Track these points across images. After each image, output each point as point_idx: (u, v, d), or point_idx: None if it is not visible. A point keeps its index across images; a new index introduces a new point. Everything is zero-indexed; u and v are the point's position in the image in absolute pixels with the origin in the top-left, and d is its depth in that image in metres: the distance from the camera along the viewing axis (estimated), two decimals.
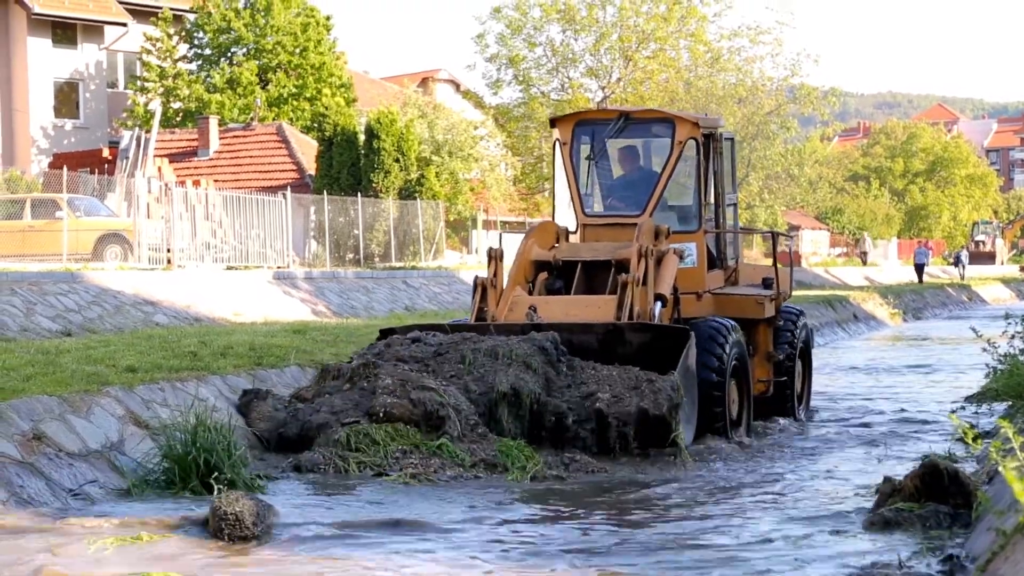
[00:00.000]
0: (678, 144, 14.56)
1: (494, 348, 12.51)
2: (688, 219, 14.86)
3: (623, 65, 54.22)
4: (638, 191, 14.82)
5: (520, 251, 14.23)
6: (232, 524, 8.34)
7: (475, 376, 12.29)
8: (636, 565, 7.91)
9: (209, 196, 31.76)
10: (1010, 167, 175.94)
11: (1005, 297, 62.27)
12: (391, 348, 13.01)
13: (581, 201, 14.85)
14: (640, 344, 12.70)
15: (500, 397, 12.06)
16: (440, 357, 12.62)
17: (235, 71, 51.26)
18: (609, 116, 15.46)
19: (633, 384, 12.19)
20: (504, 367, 12.27)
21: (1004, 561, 5.54)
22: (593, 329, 13.01)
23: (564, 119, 15.30)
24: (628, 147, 15.17)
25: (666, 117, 15.34)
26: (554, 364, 12.53)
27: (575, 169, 14.85)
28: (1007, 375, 14.91)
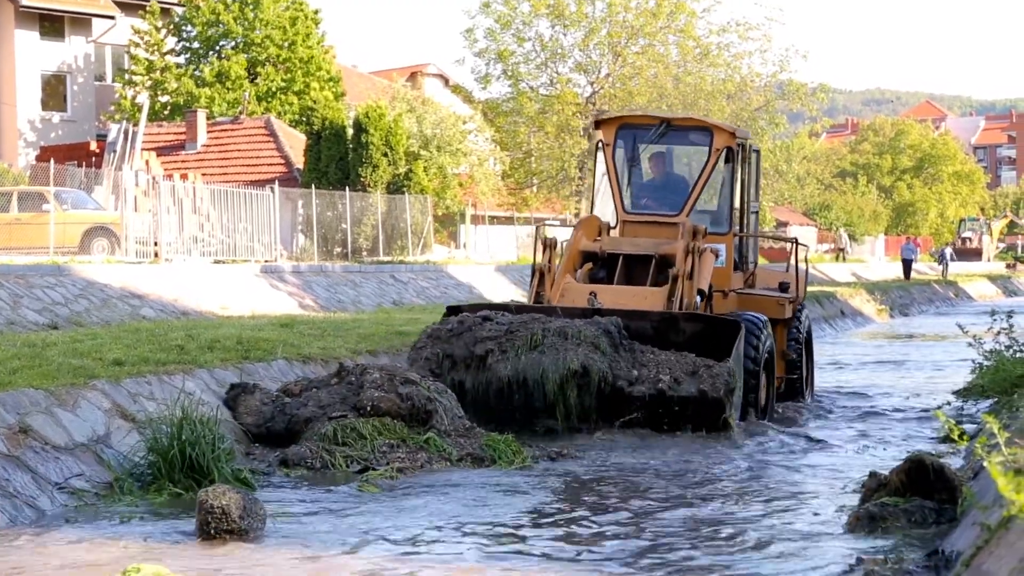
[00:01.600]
0: (715, 152, 15.63)
1: (563, 328, 13.32)
2: (720, 222, 15.89)
3: (612, 60, 54.22)
4: (675, 193, 15.94)
5: (570, 242, 15.21)
6: (219, 518, 8.34)
7: (548, 354, 13.10)
8: (612, 563, 7.92)
9: (197, 190, 31.70)
10: (997, 164, 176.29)
11: (991, 293, 62.41)
12: (464, 324, 13.79)
13: (622, 199, 15.91)
14: (693, 333, 13.76)
15: (571, 374, 12.93)
16: (512, 335, 13.42)
17: (224, 65, 51.17)
18: (651, 122, 16.46)
19: (691, 369, 13.28)
20: (574, 346, 13.11)
21: (989, 555, 5.56)
22: (649, 316, 13.99)
23: (608, 122, 16.38)
24: (667, 152, 16.31)
25: (705, 126, 16.38)
26: (617, 347, 13.43)
27: (616, 169, 15.93)
28: (993, 371, 14.96)
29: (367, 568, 7.73)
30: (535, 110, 53.98)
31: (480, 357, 13.45)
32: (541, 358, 13.14)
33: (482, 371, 13.39)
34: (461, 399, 12.99)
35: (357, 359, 14.99)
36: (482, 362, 13.42)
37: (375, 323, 19.66)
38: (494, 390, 13.29)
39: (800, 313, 16.96)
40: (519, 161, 55.81)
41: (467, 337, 13.61)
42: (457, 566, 7.80)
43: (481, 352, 13.46)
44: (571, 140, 53.30)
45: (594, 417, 13.19)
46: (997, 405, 13.34)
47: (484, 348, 13.44)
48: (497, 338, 13.44)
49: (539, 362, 13.12)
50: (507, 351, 13.30)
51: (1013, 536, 5.22)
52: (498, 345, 13.38)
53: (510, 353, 13.26)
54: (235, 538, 8.31)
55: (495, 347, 13.40)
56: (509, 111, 54.99)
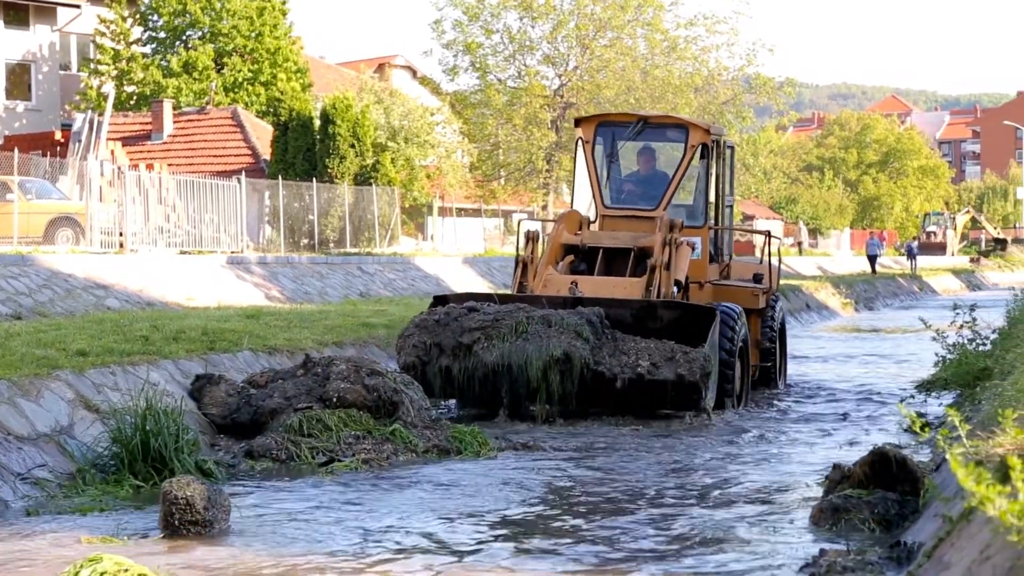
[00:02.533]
0: (691, 148, 16.30)
1: (547, 317, 13.96)
2: (695, 216, 16.51)
3: (580, 53, 54.23)
4: (652, 188, 16.57)
5: (552, 235, 15.99)
6: (183, 509, 8.30)
7: (532, 341, 13.71)
8: (564, 556, 7.93)
9: (163, 180, 31.53)
10: (962, 159, 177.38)
11: (955, 288, 62.79)
12: (451, 315, 14.33)
13: (601, 194, 16.51)
14: (670, 320, 14.37)
15: (553, 361, 13.56)
16: (497, 323, 13.98)
17: (190, 55, 50.92)
18: (629, 119, 17.26)
19: (669, 355, 13.86)
20: (557, 334, 13.75)
21: (950, 547, 5.59)
22: (629, 305, 14.57)
23: (587, 120, 17.09)
24: (645, 148, 16.86)
25: (681, 123, 17.09)
26: (599, 334, 14.06)
27: (596, 165, 16.54)
28: (956, 364, 15.06)
29: (332, 559, 7.72)
30: (503, 102, 53.93)
31: (467, 346, 13.95)
32: (525, 345, 13.72)
33: (468, 358, 13.91)
34: (448, 385, 13.95)
35: (323, 351, 14.97)
36: (468, 350, 13.93)
37: (341, 315, 19.62)
38: (480, 376, 13.84)
39: (775, 304, 17.58)
40: (487, 153, 55.77)
41: (454, 326, 14.13)
42: (422, 558, 7.80)
43: (468, 341, 13.96)
44: (539, 132, 53.29)
45: (574, 402, 13.76)
46: (960, 398, 13.43)
47: (471, 338, 13.96)
48: (484, 327, 13.95)
49: (523, 349, 13.70)
50: (493, 338, 13.85)
51: (974, 528, 5.26)
52: (484, 333, 13.91)
53: (496, 340, 13.82)
54: (199, 529, 8.27)
55: (481, 335, 13.91)
56: (477, 103, 54.92)
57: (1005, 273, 76.49)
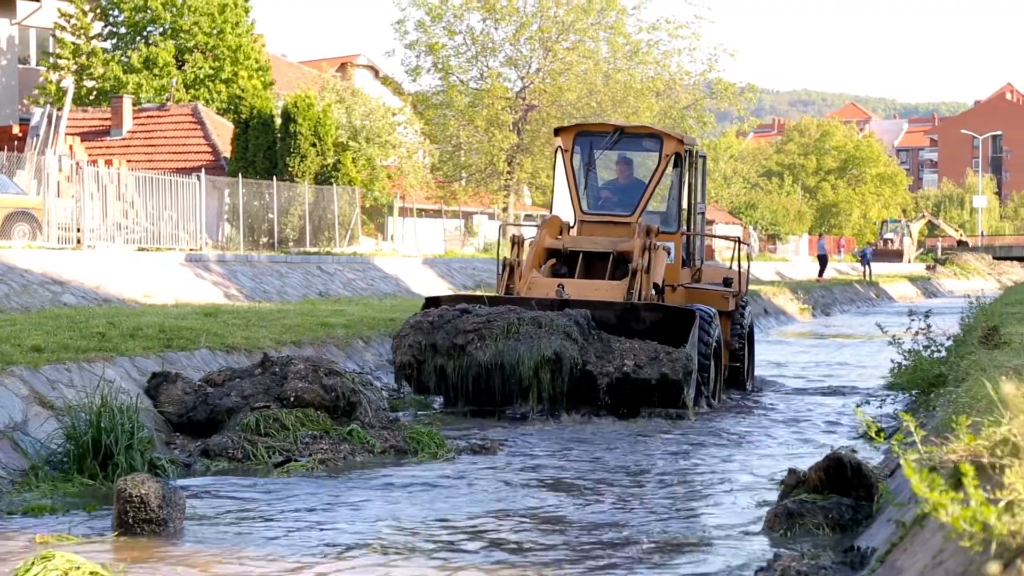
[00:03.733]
0: (665, 157, 17.07)
1: (537, 318, 14.56)
2: (669, 222, 17.22)
3: (542, 56, 54.28)
4: (628, 195, 17.35)
5: (536, 240, 16.64)
6: (137, 507, 8.25)
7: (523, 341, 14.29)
8: (510, 561, 7.93)
9: (121, 176, 31.32)
10: (919, 167, 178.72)
11: (911, 295, 63.22)
12: (444, 317, 14.84)
13: (579, 200, 17.23)
14: (653, 321, 15.06)
15: (544, 361, 14.15)
16: (489, 324, 14.51)
17: (151, 51, 50.64)
18: (606, 129, 18.04)
19: (653, 355, 14.53)
20: (547, 335, 14.35)
21: (903, 552, 5.63)
22: (613, 307, 15.23)
23: (566, 130, 17.76)
24: (621, 157, 17.76)
25: (655, 133, 17.81)
26: (586, 335, 14.68)
27: (574, 173, 17.29)
28: (911, 370, 15.17)
29: (286, 558, 7.70)
30: (465, 103, 53.91)
31: (461, 346, 14.47)
32: (517, 345, 14.30)
33: (463, 357, 14.44)
34: (442, 383, 14.55)
35: (282, 350, 14.93)
36: (462, 350, 14.45)
37: (300, 314, 19.57)
38: (474, 375, 14.39)
39: (744, 307, 18.35)
40: (448, 154, 55.73)
41: (448, 327, 14.65)
42: (376, 557, 7.78)
43: (462, 342, 14.47)
44: (500, 134, 53.30)
45: (564, 400, 14.36)
46: (915, 404, 13.53)
47: (465, 338, 14.47)
48: (477, 328, 14.48)
49: (515, 349, 14.28)
50: (486, 339, 14.40)
51: (927, 533, 5.29)
52: (477, 334, 14.45)
53: (488, 341, 14.38)
54: (153, 528, 8.23)
55: (474, 336, 14.46)
56: (439, 104, 54.86)
57: (960, 280, 77.10)
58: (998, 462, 4.84)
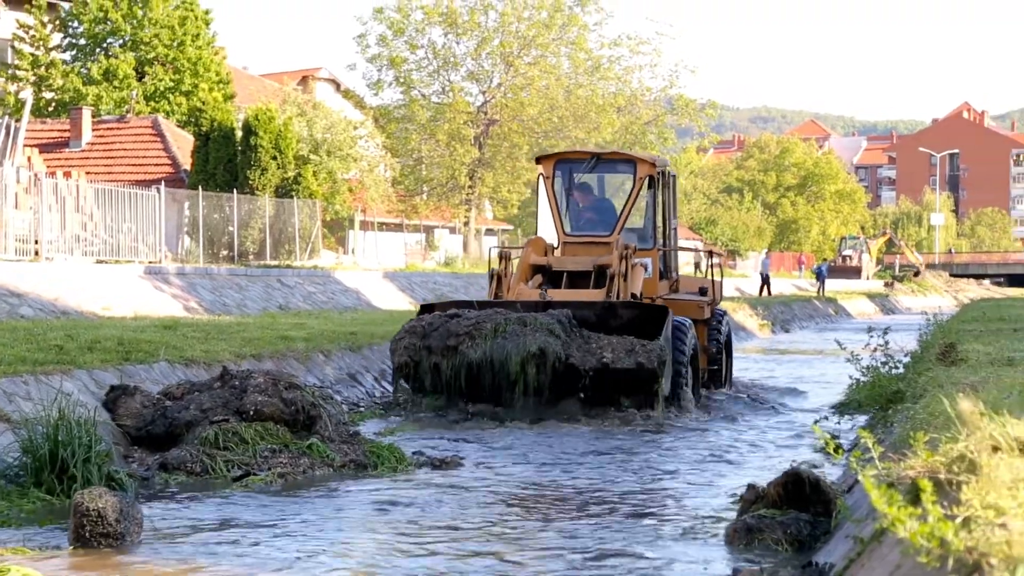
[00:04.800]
0: (639, 180, 18.37)
1: (523, 318, 15.79)
2: (645, 239, 18.48)
3: (504, 70, 54.37)
4: (606, 215, 18.67)
5: (522, 257, 17.99)
6: (94, 521, 8.19)
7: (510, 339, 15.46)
8: None
9: (80, 188, 31.13)
10: (878, 184, 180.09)
11: (870, 311, 63.62)
12: (435, 323, 16.08)
13: (562, 223, 18.48)
14: (629, 318, 16.25)
15: (530, 356, 15.33)
16: (480, 325, 15.73)
17: (111, 63, 50.40)
18: (583, 156, 19.36)
19: (629, 348, 15.64)
20: (532, 332, 15.53)
21: (861, 568, 5.66)
22: (592, 306, 16.48)
23: (547, 158, 19.12)
24: (599, 180, 19.20)
25: (630, 158, 19.35)
26: (568, 332, 15.80)
27: (556, 198, 18.50)
28: (869, 386, 15.26)
29: (242, 571, 7.66)
30: (426, 117, 53.94)
31: (453, 347, 15.69)
32: (505, 343, 15.52)
33: (455, 356, 15.67)
34: (437, 380, 15.78)
35: (241, 363, 14.87)
36: (455, 350, 15.68)
37: (260, 327, 19.50)
38: (465, 372, 15.60)
39: (720, 315, 19.82)
40: (409, 168, 55.71)
41: (442, 330, 15.90)
42: (332, 572, 7.75)
43: (454, 343, 15.70)
44: (462, 148, 53.32)
45: (547, 392, 15.52)
46: (873, 420, 13.60)
47: (456, 340, 15.70)
48: (468, 330, 15.71)
49: (503, 347, 15.49)
50: (476, 338, 15.62)
51: (885, 549, 5.33)
52: (468, 335, 15.68)
53: (478, 340, 15.61)
54: (111, 542, 8.17)
55: (466, 337, 15.67)
56: (400, 118, 54.87)
57: (918, 298, 77.64)
58: (955, 478, 4.88)
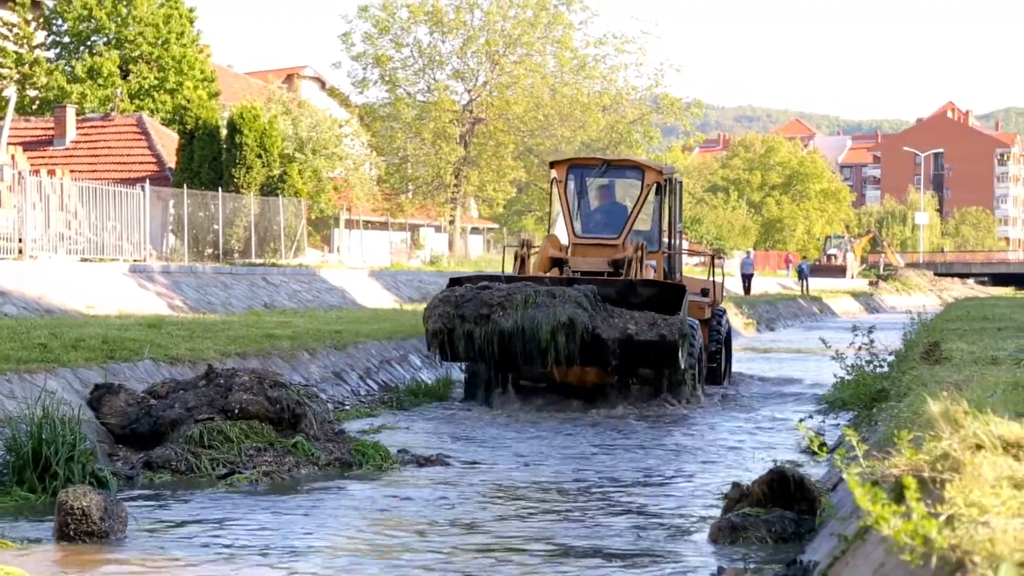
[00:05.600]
0: (646, 186, 19.29)
1: (552, 291, 16.76)
2: (652, 241, 19.35)
3: (489, 69, 54.36)
4: (615, 219, 19.57)
5: (541, 250, 19.13)
6: (79, 519, 8.17)
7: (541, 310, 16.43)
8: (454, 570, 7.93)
9: (64, 186, 31.04)
10: (862, 183, 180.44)
11: (854, 310, 63.75)
12: (471, 291, 17.02)
13: (573, 225, 19.36)
14: (648, 296, 17.28)
15: (560, 325, 16.28)
16: (511, 296, 16.68)
17: (96, 61, 50.26)
18: (595, 162, 20.26)
19: (651, 321, 16.69)
20: (562, 304, 16.48)
21: (845, 566, 5.67)
22: (614, 284, 17.55)
23: (560, 163, 19.98)
24: (608, 185, 20.15)
25: (638, 165, 20.30)
26: (594, 306, 16.72)
27: (568, 200, 19.43)
28: (853, 385, 15.28)
29: (227, 569, 7.65)
30: (412, 116, 53.90)
31: (486, 315, 16.56)
32: (536, 313, 16.44)
33: (488, 324, 16.53)
34: (470, 347, 16.64)
35: (226, 361, 14.85)
36: (487, 318, 16.55)
37: (245, 325, 19.47)
38: (497, 339, 16.48)
39: (720, 315, 20.80)
40: (395, 166, 55.67)
41: (475, 300, 16.78)
42: (316, 569, 7.75)
43: (487, 312, 16.58)
44: (447, 147, 53.30)
45: (577, 360, 16.58)
46: (857, 418, 13.63)
47: (489, 309, 16.58)
48: (500, 300, 16.62)
49: (535, 316, 16.43)
50: (507, 308, 16.53)
51: (869, 547, 5.34)
52: (500, 305, 16.57)
53: (510, 310, 16.51)
54: (95, 540, 8.16)
55: (498, 307, 16.56)
56: (386, 116, 54.83)
57: (902, 296, 77.83)
58: (939, 476, 4.89)
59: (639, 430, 14.98)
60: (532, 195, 63.07)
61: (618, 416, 16.53)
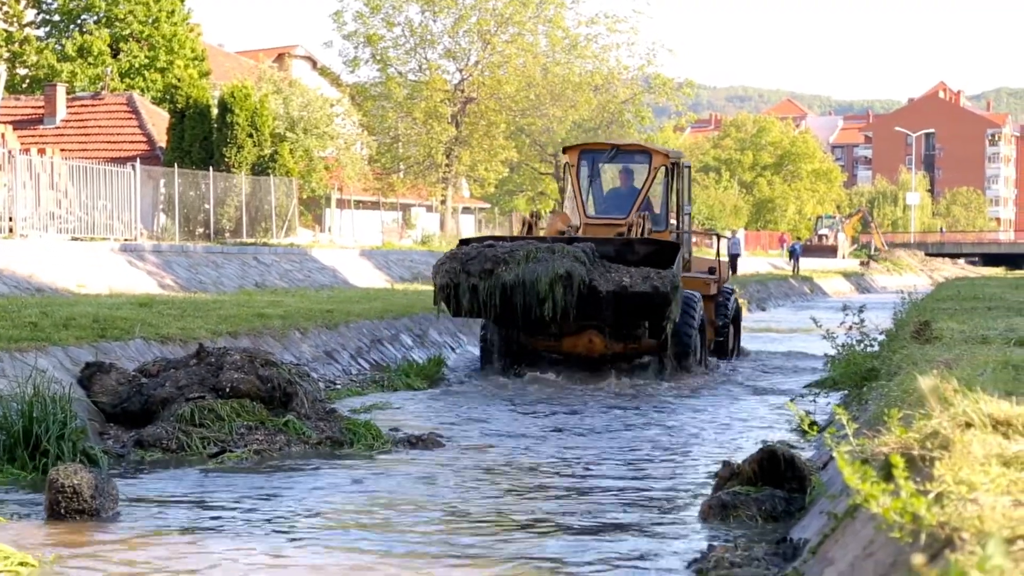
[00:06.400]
0: (653, 169, 20.45)
1: (551, 247, 17.83)
2: (659, 222, 20.38)
3: (481, 48, 54.23)
4: (623, 201, 20.61)
5: (550, 223, 20.62)
6: (70, 497, 8.18)
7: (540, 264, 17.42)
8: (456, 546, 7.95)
9: (55, 165, 30.96)
10: (854, 163, 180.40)
11: (845, 290, 63.81)
12: (475, 249, 18.09)
13: (584, 206, 20.48)
14: (645, 253, 18.16)
15: (558, 277, 17.28)
16: (513, 252, 17.73)
17: (86, 39, 50.08)
18: (605, 147, 21.58)
19: (645, 275, 17.59)
20: (560, 259, 17.52)
21: (834, 544, 5.69)
22: (612, 242, 18.51)
23: (572, 148, 21.30)
24: (618, 169, 21.23)
25: (646, 149, 21.36)
26: (592, 261, 17.69)
27: (579, 184, 20.59)
28: (844, 364, 15.31)
29: (219, 545, 7.66)
30: (403, 95, 53.75)
31: (489, 270, 17.62)
32: (536, 267, 17.48)
33: (491, 278, 17.59)
34: (475, 300, 17.65)
35: (217, 340, 14.83)
36: (491, 273, 17.60)
37: (237, 305, 19.45)
38: (500, 292, 17.51)
39: (728, 293, 21.91)
40: (386, 146, 55.55)
41: (479, 256, 17.87)
42: (305, 545, 7.76)
43: (490, 267, 17.64)
44: (439, 126, 53.19)
45: (573, 312, 17.40)
46: (848, 397, 13.66)
47: (493, 264, 17.65)
48: (503, 256, 17.71)
49: (535, 270, 17.46)
50: (510, 263, 17.60)
51: (858, 525, 5.36)
52: (503, 260, 17.66)
53: (512, 264, 17.59)
54: (86, 518, 8.17)
55: (501, 262, 17.63)
56: (377, 95, 54.69)
57: (893, 276, 77.88)
58: (928, 455, 4.91)
59: (636, 405, 15.04)
60: (523, 175, 63.00)
61: (622, 388, 17.44)
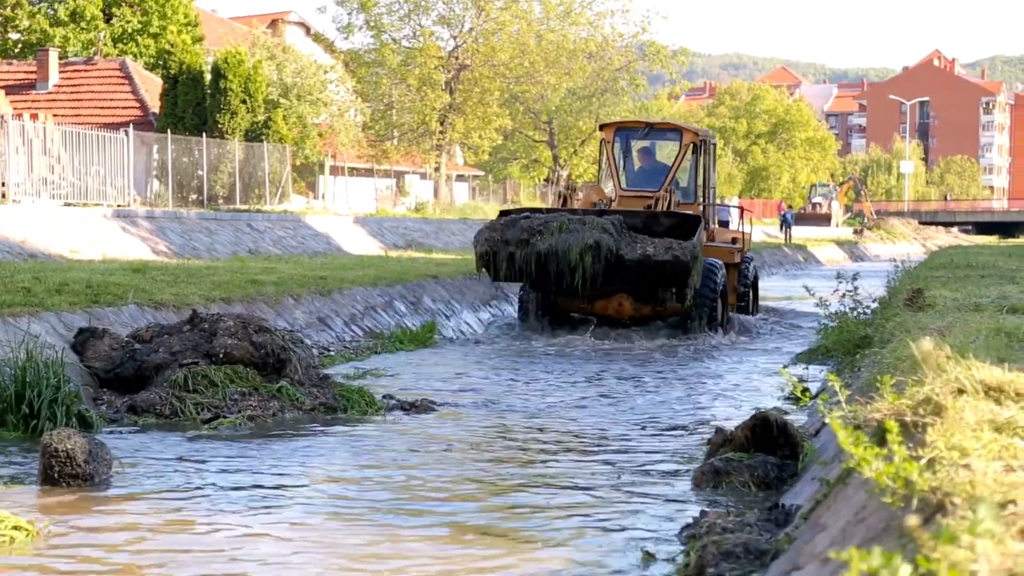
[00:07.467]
0: (684, 146, 22.09)
1: (582, 219, 19.47)
2: (688, 196, 22.12)
3: (475, 15, 54.06)
4: (655, 175, 22.14)
5: (584, 195, 22.05)
6: (63, 462, 8.18)
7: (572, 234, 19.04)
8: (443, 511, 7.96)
9: (47, 130, 30.85)
10: (848, 132, 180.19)
11: (838, 258, 63.84)
12: (512, 220, 19.75)
13: (619, 180, 22.17)
14: (669, 225, 19.75)
15: (587, 247, 18.94)
16: (547, 224, 19.39)
17: (78, 4, 49.84)
18: (638, 125, 23.44)
19: (668, 246, 19.16)
20: (590, 229, 19.16)
21: (826, 510, 5.71)
22: (639, 215, 20.12)
23: (607, 126, 23.03)
24: (650, 146, 22.91)
25: (676, 128, 23.18)
26: (619, 232, 19.34)
27: (615, 159, 22.19)
28: (837, 332, 15.34)
29: (213, 510, 7.68)
30: (397, 62, 53.61)
31: (525, 240, 19.27)
32: (568, 237, 19.13)
33: (527, 247, 19.26)
34: (511, 267, 19.40)
35: (211, 307, 14.83)
36: (527, 243, 19.27)
37: (230, 271, 19.44)
38: (535, 259, 19.19)
39: (748, 261, 23.32)
40: (380, 113, 55.42)
41: (517, 227, 19.51)
42: (302, 508, 7.78)
43: (526, 236, 19.31)
44: (433, 93, 53.06)
45: (600, 278, 19.01)
46: (840, 365, 13.69)
47: (528, 234, 19.29)
48: (538, 227, 19.35)
49: (566, 240, 19.11)
50: (543, 234, 19.27)
51: (850, 491, 5.37)
52: (538, 230, 19.30)
53: (546, 235, 19.25)
54: (80, 483, 8.17)
55: (536, 232, 19.26)
56: (371, 62, 54.54)
57: (887, 245, 77.93)
58: (921, 420, 4.92)
59: (638, 375, 15.00)
60: (517, 142, 62.88)
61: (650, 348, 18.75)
